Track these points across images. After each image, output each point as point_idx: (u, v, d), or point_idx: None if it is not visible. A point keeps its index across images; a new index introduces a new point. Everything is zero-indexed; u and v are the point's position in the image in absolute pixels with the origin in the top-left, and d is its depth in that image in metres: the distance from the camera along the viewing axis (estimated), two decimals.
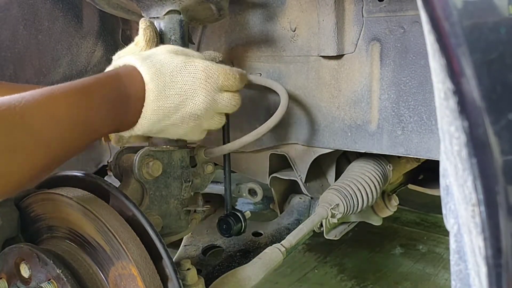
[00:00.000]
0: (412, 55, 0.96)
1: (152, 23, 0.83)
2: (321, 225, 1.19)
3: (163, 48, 0.80)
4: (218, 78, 0.79)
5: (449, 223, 0.51)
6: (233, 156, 1.10)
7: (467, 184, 0.46)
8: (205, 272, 1.05)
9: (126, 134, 0.78)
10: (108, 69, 0.79)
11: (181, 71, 0.76)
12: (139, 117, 0.75)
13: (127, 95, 0.72)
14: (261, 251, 0.99)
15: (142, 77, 0.74)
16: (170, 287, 0.73)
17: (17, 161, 0.58)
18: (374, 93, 1.02)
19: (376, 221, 1.39)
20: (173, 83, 0.76)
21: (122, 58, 0.78)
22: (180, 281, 0.73)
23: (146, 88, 0.74)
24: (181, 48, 0.82)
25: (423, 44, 0.94)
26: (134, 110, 0.74)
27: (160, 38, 0.86)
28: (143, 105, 0.74)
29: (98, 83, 0.72)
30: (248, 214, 1.14)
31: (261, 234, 1.22)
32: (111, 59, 0.86)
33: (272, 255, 0.97)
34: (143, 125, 0.76)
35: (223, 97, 0.81)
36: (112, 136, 0.85)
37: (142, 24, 0.82)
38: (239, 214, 1.12)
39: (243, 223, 1.12)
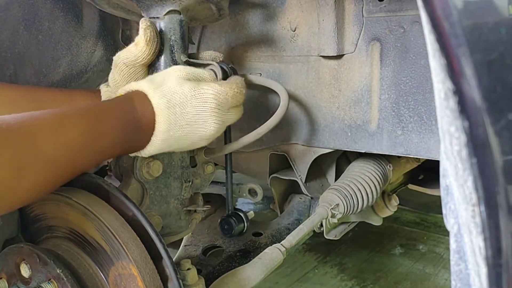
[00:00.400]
0: (412, 55, 0.96)
1: (152, 23, 0.83)
2: (321, 225, 1.19)
3: (173, 72, 0.80)
4: (228, 101, 0.80)
5: (449, 223, 0.51)
6: (233, 156, 1.10)
7: (467, 184, 0.46)
8: (205, 272, 1.05)
9: (132, 155, 0.80)
10: (120, 92, 0.80)
11: (191, 101, 0.77)
12: (148, 143, 0.76)
13: (138, 122, 0.74)
14: (261, 251, 0.99)
15: (153, 107, 0.75)
16: (170, 287, 0.73)
17: (25, 180, 0.59)
18: (374, 93, 1.02)
19: (376, 221, 1.39)
20: (183, 113, 0.76)
21: (135, 84, 0.78)
22: (180, 281, 0.73)
23: (156, 118, 0.75)
24: (191, 70, 0.82)
25: (423, 44, 0.94)
26: (144, 137, 0.76)
27: (160, 38, 0.86)
28: (153, 134, 0.75)
29: (111, 108, 0.74)
30: (251, 214, 1.14)
31: (261, 234, 1.21)
32: (111, 59, 0.86)
33: (272, 255, 0.97)
34: (150, 151, 0.78)
35: (232, 114, 0.83)
36: None
37: (143, 24, 0.82)
38: (241, 215, 1.12)
39: (245, 224, 1.12)
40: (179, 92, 0.76)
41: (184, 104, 0.76)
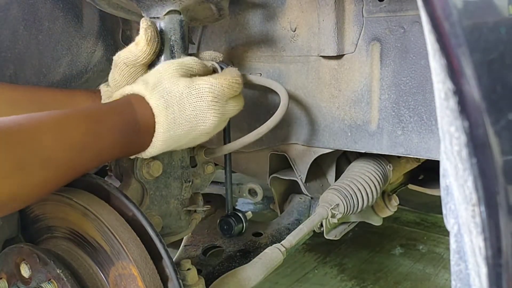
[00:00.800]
0: (412, 55, 0.96)
1: (153, 23, 0.83)
2: (321, 225, 1.19)
3: (165, 71, 0.79)
4: (224, 92, 0.80)
5: (449, 223, 0.51)
6: (233, 156, 1.10)
7: (467, 184, 0.46)
8: (205, 272, 1.05)
9: (133, 157, 0.80)
10: (115, 96, 0.80)
11: (188, 98, 0.77)
12: (149, 145, 0.76)
13: (138, 124, 0.74)
14: (261, 251, 0.99)
15: (151, 109, 0.75)
16: (170, 287, 0.73)
17: (25, 181, 0.59)
18: (374, 93, 1.02)
19: (376, 221, 1.39)
20: (181, 111, 0.77)
21: (129, 87, 0.79)
22: (180, 281, 0.73)
23: (156, 120, 0.75)
24: (180, 63, 0.81)
25: (423, 44, 0.94)
26: (144, 138, 0.76)
27: (160, 38, 0.85)
28: (153, 135, 0.76)
29: (110, 111, 0.74)
30: (249, 214, 1.14)
31: (261, 234, 1.21)
32: (111, 59, 0.86)
33: (272, 255, 0.97)
34: (152, 152, 0.78)
35: (230, 106, 0.82)
36: None
37: (143, 24, 0.82)
38: (240, 215, 1.12)
39: (244, 224, 1.13)
40: (175, 91, 0.77)
41: (182, 102, 0.77)
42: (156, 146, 0.77)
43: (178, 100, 0.76)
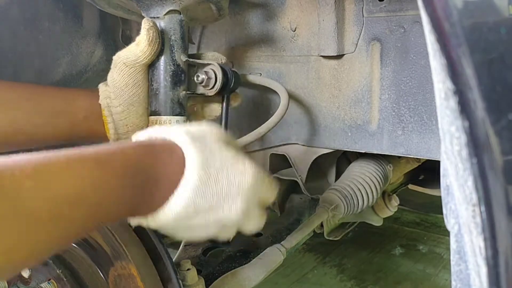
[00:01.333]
0: (413, 55, 0.96)
1: (155, 24, 0.83)
2: (321, 225, 1.19)
3: (213, 132, 0.66)
4: (262, 188, 0.66)
5: (450, 223, 0.51)
6: None
7: (468, 184, 0.46)
8: (205, 272, 1.05)
9: (133, 222, 0.61)
10: (139, 137, 0.65)
11: (230, 168, 0.62)
12: (164, 206, 0.59)
13: (158, 178, 0.58)
14: (261, 251, 0.99)
15: (184, 161, 0.60)
16: None
17: (16, 239, 0.44)
18: (374, 93, 1.02)
19: (377, 222, 1.39)
20: (216, 180, 0.61)
21: (165, 129, 0.64)
22: (180, 281, 0.73)
23: (185, 175, 0.59)
24: (224, 134, 0.68)
25: (423, 44, 0.94)
26: (160, 197, 0.58)
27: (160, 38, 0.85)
28: (173, 193, 0.58)
29: (121, 156, 0.57)
30: None
31: (261, 234, 1.21)
32: (111, 59, 0.86)
33: (272, 255, 0.97)
34: (161, 219, 0.59)
35: (255, 213, 0.68)
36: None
37: (145, 24, 0.81)
38: None
39: None
40: (219, 154, 0.62)
41: (221, 169, 0.61)
42: (172, 210, 0.58)
43: (218, 165, 0.61)
